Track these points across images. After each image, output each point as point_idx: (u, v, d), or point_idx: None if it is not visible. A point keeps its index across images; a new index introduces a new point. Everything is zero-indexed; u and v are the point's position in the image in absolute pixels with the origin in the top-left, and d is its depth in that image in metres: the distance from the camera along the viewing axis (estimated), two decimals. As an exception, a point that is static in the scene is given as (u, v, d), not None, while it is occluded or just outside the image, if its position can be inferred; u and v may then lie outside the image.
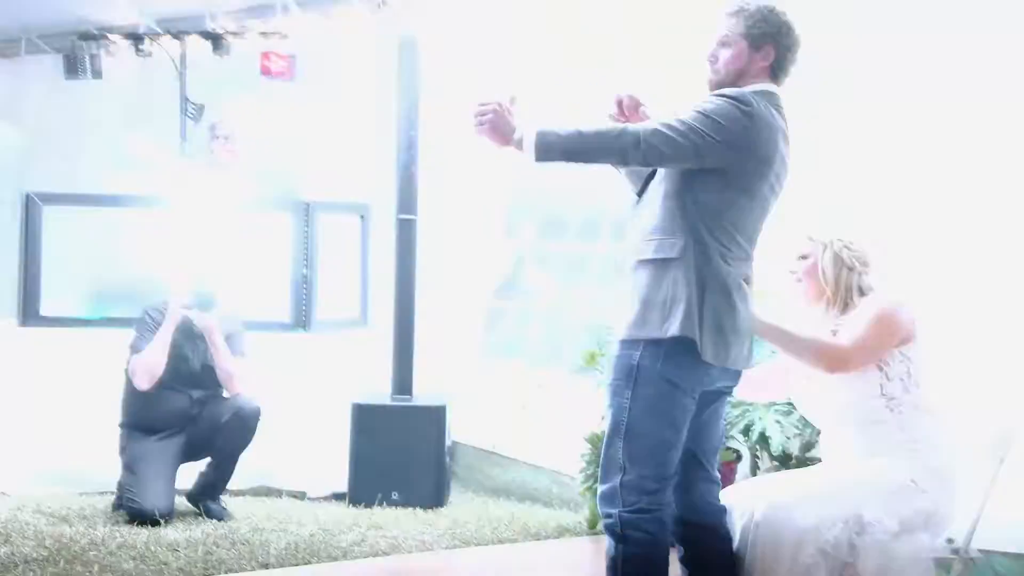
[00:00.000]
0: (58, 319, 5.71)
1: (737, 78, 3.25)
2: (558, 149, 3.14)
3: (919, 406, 3.45)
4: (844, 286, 3.57)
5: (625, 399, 3.18)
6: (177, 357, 5.13)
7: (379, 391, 5.84)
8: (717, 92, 3.23)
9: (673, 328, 3.10)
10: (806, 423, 4.19)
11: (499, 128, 3.14)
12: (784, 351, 3.58)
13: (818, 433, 3.86)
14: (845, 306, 3.57)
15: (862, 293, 3.56)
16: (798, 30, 3.30)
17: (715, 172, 3.13)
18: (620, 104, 3.42)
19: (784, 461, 4.49)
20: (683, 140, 3.10)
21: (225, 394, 5.22)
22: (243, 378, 5.14)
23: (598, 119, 3.38)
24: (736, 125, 3.12)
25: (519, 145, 3.12)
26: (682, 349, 3.10)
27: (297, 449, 5.66)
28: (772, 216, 3.30)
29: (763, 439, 4.44)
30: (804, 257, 3.64)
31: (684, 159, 3.13)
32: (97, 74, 7.98)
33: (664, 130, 3.12)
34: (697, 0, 5.62)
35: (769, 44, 3.26)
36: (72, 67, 7.94)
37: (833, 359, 3.42)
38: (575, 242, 6.47)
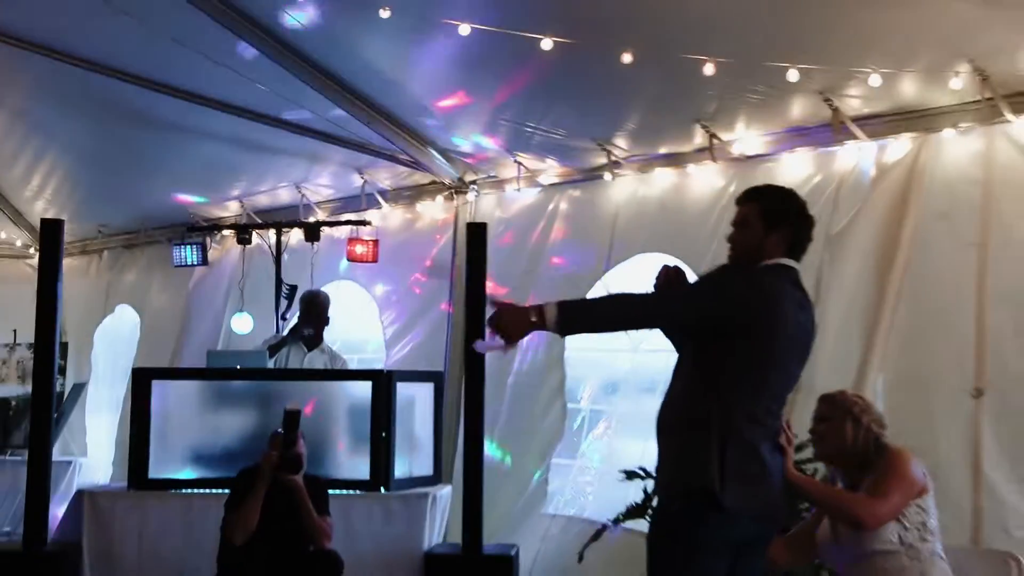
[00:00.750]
0: (163, 481, 6.14)
1: (755, 257, 3.46)
2: (581, 321, 3.39)
3: (935, 553, 3.65)
4: (862, 445, 3.77)
5: (658, 552, 3.39)
6: (268, 515, 5.46)
7: (452, 542, 6.20)
8: (726, 265, 3.54)
9: (696, 482, 3.28)
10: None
11: (511, 323, 3.20)
12: (815, 504, 3.84)
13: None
14: (862, 465, 3.77)
15: (878, 451, 3.77)
16: (812, 210, 3.55)
17: (732, 339, 3.33)
18: (666, 274, 3.61)
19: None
20: (689, 305, 3.42)
21: (311, 548, 5.59)
22: (327, 533, 5.51)
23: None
24: (740, 294, 3.35)
25: (541, 325, 3.18)
26: (706, 503, 3.26)
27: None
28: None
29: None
30: (823, 419, 3.86)
31: (691, 322, 3.40)
32: (203, 261, 8.77)
33: (675, 297, 3.46)
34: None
35: (785, 225, 3.47)
36: (181, 255, 8.73)
37: (864, 514, 3.60)
38: (631, 398, 6.79)
